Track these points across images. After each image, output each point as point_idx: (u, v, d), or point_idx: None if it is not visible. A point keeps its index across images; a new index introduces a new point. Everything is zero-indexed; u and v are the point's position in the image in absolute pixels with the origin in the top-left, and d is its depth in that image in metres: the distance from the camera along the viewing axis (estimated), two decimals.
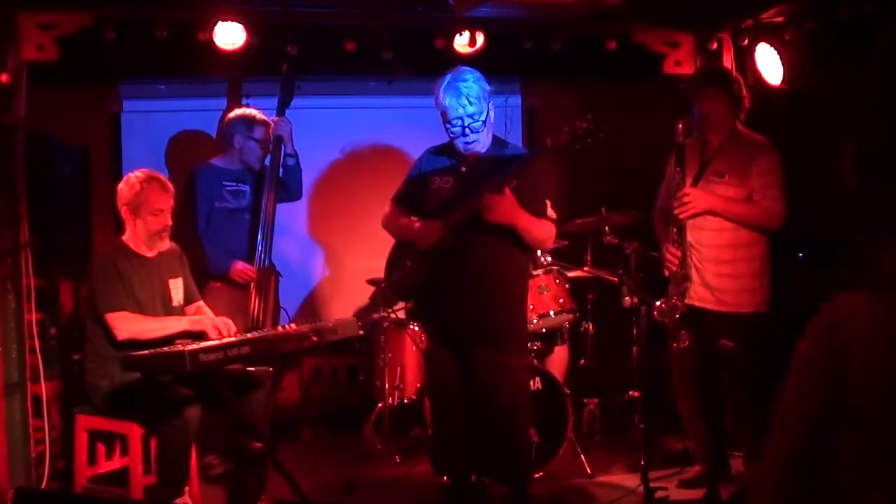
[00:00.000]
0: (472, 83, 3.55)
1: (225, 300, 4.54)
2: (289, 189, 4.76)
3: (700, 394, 4.23)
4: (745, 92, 4.13)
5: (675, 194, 4.01)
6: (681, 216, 3.99)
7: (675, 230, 4.03)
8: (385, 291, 3.88)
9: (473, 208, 3.48)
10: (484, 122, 3.58)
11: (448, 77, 3.59)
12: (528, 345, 4.44)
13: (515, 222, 3.48)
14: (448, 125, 3.60)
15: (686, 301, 4.01)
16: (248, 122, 4.69)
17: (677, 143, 4.02)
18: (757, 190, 3.97)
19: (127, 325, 3.73)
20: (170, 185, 3.92)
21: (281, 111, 4.69)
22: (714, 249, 4.03)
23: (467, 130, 3.56)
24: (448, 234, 3.54)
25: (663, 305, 4.01)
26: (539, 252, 4.63)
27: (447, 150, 3.74)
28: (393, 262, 3.84)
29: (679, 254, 4.01)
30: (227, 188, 4.68)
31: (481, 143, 3.63)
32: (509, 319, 3.66)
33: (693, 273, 4.04)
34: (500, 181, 3.45)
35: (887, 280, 1.91)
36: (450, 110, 3.55)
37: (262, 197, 4.67)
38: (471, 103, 3.53)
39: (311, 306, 5.73)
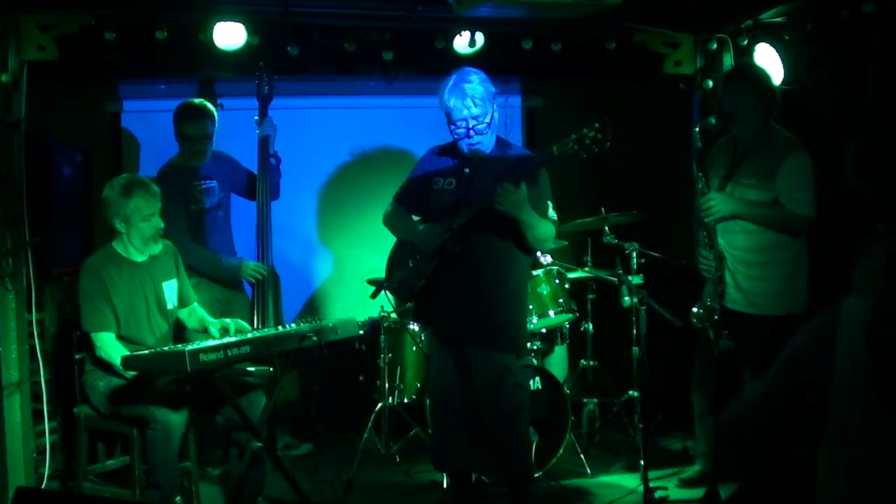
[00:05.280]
0: (477, 84, 3.54)
1: (209, 298, 4.52)
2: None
3: (716, 393, 4.23)
4: (773, 87, 4.10)
5: (700, 200, 4.01)
6: (705, 220, 4.00)
7: (705, 234, 4.03)
8: (387, 291, 3.86)
9: (482, 204, 3.45)
10: (488, 124, 3.56)
11: (453, 78, 3.57)
12: (528, 345, 4.44)
13: (522, 217, 3.46)
14: (452, 126, 3.59)
15: (722, 304, 3.99)
16: (176, 116, 4.60)
17: (696, 148, 4.00)
18: (783, 192, 3.94)
19: (107, 348, 3.74)
20: (154, 186, 3.88)
21: (264, 111, 4.64)
22: (744, 252, 4.02)
23: (472, 132, 3.55)
24: (452, 236, 3.54)
25: (700, 310, 4.00)
26: (539, 252, 4.62)
27: (451, 149, 3.72)
28: (395, 262, 3.83)
29: (710, 257, 4.01)
30: (197, 188, 4.61)
31: (485, 144, 3.63)
32: (510, 320, 3.66)
33: (726, 276, 4.03)
34: (507, 182, 3.41)
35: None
36: (454, 111, 3.54)
37: (254, 199, 4.64)
38: (476, 105, 3.51)
39: (311, 306, 5.73)
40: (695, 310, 4.01)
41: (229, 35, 4.46)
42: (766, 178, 3.97)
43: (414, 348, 4.81)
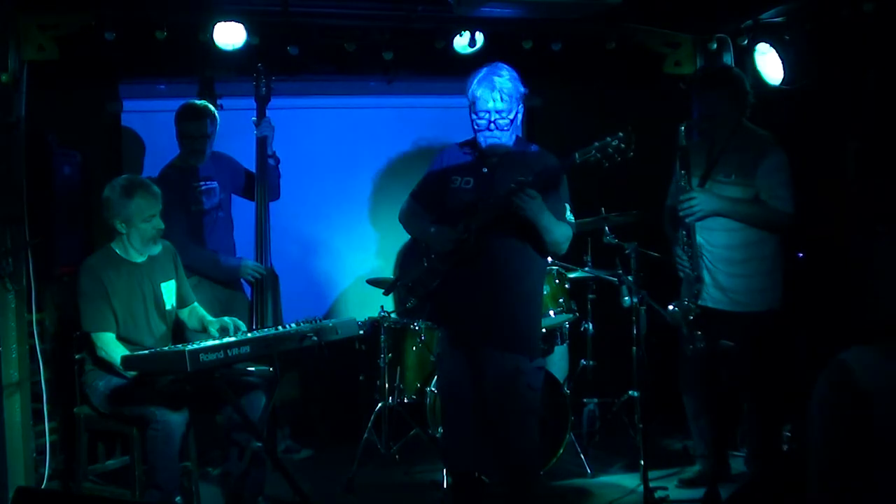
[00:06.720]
0: (507, 80, 3.51)
1: (210, 297, 4.52)
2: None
3: (706, 392, 4.23)
4: (748, 88, 4.13)
5: (681, 197, 4.01)
6: (687, 219, 4.00)
7: (684, 233, 4.03)
8: (399, 290, 3.83)
9: (501, 206, 3.43)
10: (511, 121, 3.53)
11: (484, 70, 3.54)
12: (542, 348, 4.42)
13: (541, 221, 3.45)
14: (474, 116, 3.55)
15: (700, 303, 4.00)
16: (177, 116, 4.65)
17: (681, 146, 4.01)
18: (763, 189, 3.97)
19: (108, 348, 3.75)
20: (154, 187, 3.89)
21: (262, 112, 4.64)
22: (725, 250, 4.03)
23: (492, 126, 3.51)
24: (469, 237, 3.52)
25: (676, 309, 4.00)
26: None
27: (471, 147, 3.68)
28: (409, 260, 3.81)
29: (689, 256, 4.01)
30: (197, 189, 4.62)
31: (503, 142, 3.59)
32: (525, 323, 3.62)
33: (705, 274, 4.03)
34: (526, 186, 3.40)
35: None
36: (479, 101, 3.50)
37: (254, 199, 4.65)
38: (502, 100, 3.49)
39: (311, 306, 5.72)
40: (671, 308, 4.01)
41: (229, 35, 4.47)
42: (744, 175, 3.99)
43: (414, 348, 4.80)
